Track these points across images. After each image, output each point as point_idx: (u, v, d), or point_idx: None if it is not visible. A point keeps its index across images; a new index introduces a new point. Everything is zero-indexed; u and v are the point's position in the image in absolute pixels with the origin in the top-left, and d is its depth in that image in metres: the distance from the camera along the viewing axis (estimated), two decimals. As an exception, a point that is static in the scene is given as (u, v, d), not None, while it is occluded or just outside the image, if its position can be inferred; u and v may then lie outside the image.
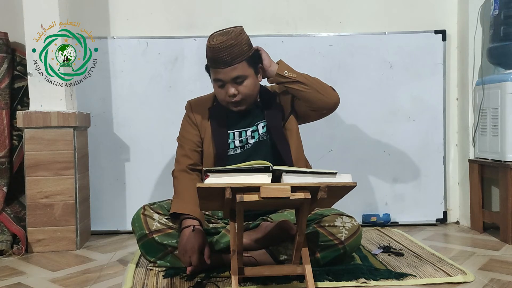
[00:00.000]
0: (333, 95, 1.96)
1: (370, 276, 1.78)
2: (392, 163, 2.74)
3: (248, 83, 1.86)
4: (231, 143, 1.96)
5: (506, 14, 2.41)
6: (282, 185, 1.41)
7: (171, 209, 1.88)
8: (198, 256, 1.75)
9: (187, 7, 2.73)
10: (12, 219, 2.35)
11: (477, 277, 1.80)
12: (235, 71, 1.82)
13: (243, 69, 1.84)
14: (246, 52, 1.84)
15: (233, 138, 1.96)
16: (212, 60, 1.84)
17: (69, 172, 2.31)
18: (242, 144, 1.96)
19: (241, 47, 1.82)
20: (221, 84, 1.87)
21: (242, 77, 1.84)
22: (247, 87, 1.87)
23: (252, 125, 1.97)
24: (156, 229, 1.87)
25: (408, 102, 2.74)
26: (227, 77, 1.83)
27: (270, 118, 1.96)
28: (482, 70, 2.63)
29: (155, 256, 1.89)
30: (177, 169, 1.98)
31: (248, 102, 1.91)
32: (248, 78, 1.86)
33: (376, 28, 2.74)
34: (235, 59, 1.81)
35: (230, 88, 1.85)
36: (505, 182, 2.37)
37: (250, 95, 1.90)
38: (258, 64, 1.91)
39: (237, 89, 1.85)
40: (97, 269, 2.01)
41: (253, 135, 1.96)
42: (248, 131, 1.97)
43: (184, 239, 1.77)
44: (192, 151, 1.98)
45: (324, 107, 1.97)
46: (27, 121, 2.27)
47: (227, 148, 1.95)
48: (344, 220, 1.86)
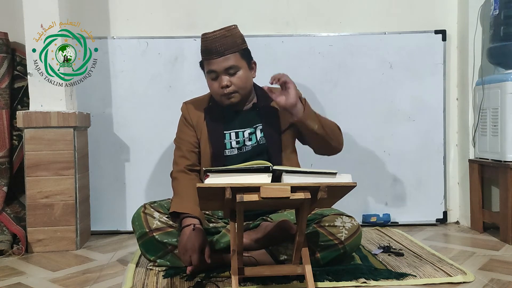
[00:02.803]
0: (339, 146, 1.96)
1: (370, 276, 1.78)
2: (392, 163, 2.74)
3: (241, 74, 1.88)
4: (228, 144, 1.95)
5: (506, 14, 2.41)
6: (282, 185, 1.41)
7: (170, 208, 1.88)
8: (198, 255, 1.75)
9: (187, 7, 2.73)
10: (12, 219, 2.35)
11: (477, 277, 1.80)
12: (228, 61, 1.85)
13: (236, 60, 1.86)
14: (239, 45, 1.88)
15: (230, 139, 1.96)
16: (205, 52, 1.88)
17: (69, 172, 2.31)
18: (239, 146, 1.95)
19: (234, 39, 1.87)
20: (215, 76, 1.88)
21: (235, 67, 1.86)
22: (240, 78, 1.88)
23: (250, 126, 1.97)
24: (156, 227, 1.87)
25: (408, 102, 2.74)
26: (220, 67, 1.85)
27: (266, 125, 1.95)
28: (482, 70, 2.63)
29: (155, 255, 1.89)
30: (175, 170, 1.98)
31: (241, 95, 1.91)
32: (241, 69, 1.88)
33: (376, 28, 2.74)
34: (228, 50, 1.84)
35: (223, 79, 1.86)
36: (505, 182, 2.37)
37: (243, 87, 1.90)
38: (251, 60, 1.95)
39: (230, 80, 1.87)
40: (97, 269, 2.01)
41: (250, 137, 1.96)
42: (245, 132, 1.96)
43: (185, 238, 1.77)
44: (190, 152, 1.98)
45: (324, 153, 2.00)
46: (27, 121, 2.27)
47: (224, 148, 1.95)
48: (344, 220, 1.86)
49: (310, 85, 2.69)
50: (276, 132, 1.95)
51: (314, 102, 2.13)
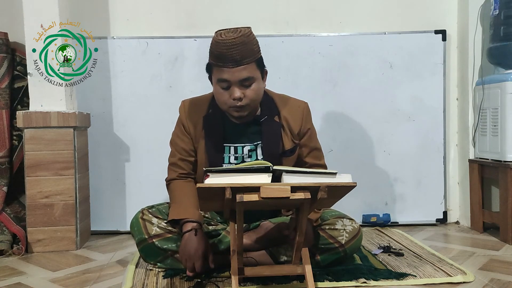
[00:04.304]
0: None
1: (370, 276, 1.78)
2: (392, 163, 2.74)
3: (255, 86, 1.72)
4: (226, 158, 1.84)
5: (506, 14, 2.41)
6: (282, 185, 1.41)
7: (169, 217, 1.81)
8: (202, 262, 1.73)
9: (187, 7, 2.73)
10: (12, 219, 2.35)
11: (477, 277, 1.80)
12: (245, 71, 1.68)
13: (252, 71, 1.70)
14: (255, 53, 1.71)
15: (228, 153, 1.84)
16: (218, 58, 1.68)
17: (69, 172, 2.31)
18: (237, 162, 1.83)
19: (252, 46, 1.69)
20: (226, 86, 1.71)
21: (250, 79, 1.70)
22: (254, 91, 1.72)
23: (250, 142, 1.85)
24: (155, 233, 1.84)
25: (408, 102, 2.74)
26: (234, 77, 1.68)
27: (267, 144, 1.83)
28: (482, 70, 2.63)
29: (155, 259, 1.88)
30: (169, 178, 1.92)
31: (251, 108, 1.76)
32: (256, 81, 1.72)
33: (376, 28, 2.74)
34: (245, 58, 1.66)
35: (236, 91, 1.69)
36: (505, 182, 2.37)
37: (256, 100, 1.76)
38: (264, 68, 1.78)
39: (243, 93, 1.71)
40: (97, 269, 2.01)
41: (250, 154, 1.85)
42: (245, 148, 1.85)
43: (188, 244, 1.72)
44: (184, 160, 1.88)
45: None
46: (27, 121, 2.27)
47: (222, 162, 1.82)
48: (345, 223, 1.86)
49: (310, 85, 2.69)
50: (277, 152, 1.83)
51: (314, 102, 2.13)
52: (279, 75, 2.64)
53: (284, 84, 2.61)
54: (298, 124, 1.87)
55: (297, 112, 1.88)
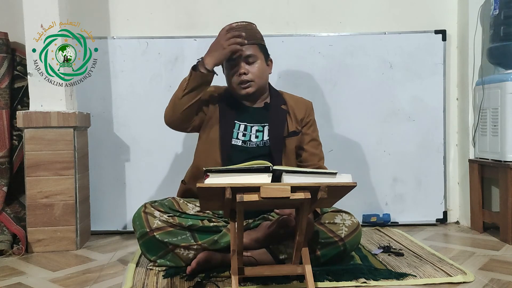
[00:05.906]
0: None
1: (370, 276, 1.78)
2: (392, 163, 2.74)
3: (258, 65, 1.96)
4: (235, 133, 1.98)
5: (506, 14, 2.41)
6: (282, 185, 1.41)
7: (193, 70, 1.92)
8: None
9: (187, 7, 2.73)
10: (12, 219, 2.35)
11: (477, 277, 1.80)
12: (248, 49, 1.94)
13: (255, 50, 1.96)
14: (259, 40, 2.00)
15: (238, 129, 1.98)
16: None
17: (69, 172, 2.31)
18: (245, 139, 1.97)
19: (256, 34, 2.00)
20: (234, 64, 1.95)
21: (253, 57, 1.95)
22: (258, 69, 1.96)
23: (259, 123, 2.00)
24: (157, 227, 1.87)
25: (408, 102, 2.74)
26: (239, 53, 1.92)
27: (273, 125, 1.99)
28: (482, 70, 2.63)
29: (155, 254, 1.89)
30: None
31: (257, 85, 1.97)
32: (259, 60, 1.97)
33: (376, 28, 2.74)
34: (249, 39, 1.93)
35: (241, 67, 1.94)
36: (505, 182, 2.37)
37: (260, 77, 1.97)
38: (268, 56, 2.03)
39: (247, 69, 1.95)
40: (97, 269, 2.01)
41: (257, 135, 1.98)
42: (253, 128, 1.99)
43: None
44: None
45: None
46: (27, 121, 2.27)
47: (231, 137, 1.97)
48: (343, 217, 1.88)
49: (310, 85, 2.69)
50: (280, 134, 1.98)
51: (314, 102, 2.14)
52: (279, 75, 2.64)
53: (284, 84, 2.60)
54: (302, 113, 2.06)
55: (303, 104, 2.09)
